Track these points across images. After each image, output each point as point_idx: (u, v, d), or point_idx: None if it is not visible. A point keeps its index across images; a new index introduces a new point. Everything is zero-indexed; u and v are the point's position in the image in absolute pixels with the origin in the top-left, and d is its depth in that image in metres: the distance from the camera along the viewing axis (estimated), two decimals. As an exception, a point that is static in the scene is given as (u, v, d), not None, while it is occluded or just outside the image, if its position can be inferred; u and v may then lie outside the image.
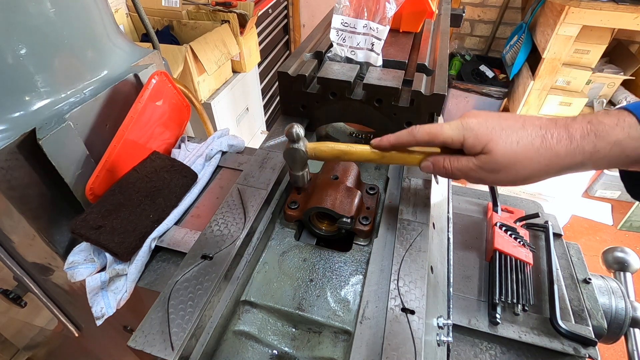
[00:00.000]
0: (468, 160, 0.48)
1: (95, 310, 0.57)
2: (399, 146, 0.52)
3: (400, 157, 0.53)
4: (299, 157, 0.55)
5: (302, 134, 0.54)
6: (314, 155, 0.55)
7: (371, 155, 0.53)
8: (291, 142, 0.54)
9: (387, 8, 0.65)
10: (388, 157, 0.53)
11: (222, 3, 1.93)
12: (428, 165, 0.52)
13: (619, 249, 0.78)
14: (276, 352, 0.50)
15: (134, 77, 0.72)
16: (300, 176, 0.59)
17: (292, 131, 0.53)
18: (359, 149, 0.54)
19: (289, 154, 0.56)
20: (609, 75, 2.33)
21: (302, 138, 0.54)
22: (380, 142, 0.53)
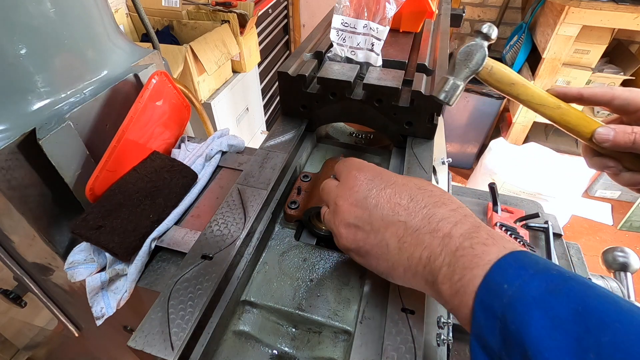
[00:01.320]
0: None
1: (95, 310, 0.57)
2: (588, 97, 0.46)
3: (576, 115, 0.45)
4: (477, 59, 0.46)
5: (495, 36, 0.46)
6: (489, 70, 0.47)
7: (547, 99, 0.46)
8: (482, 38, 0.46)
9: (387, 8, 0.65)
10: (564, 110, 0.46)
11: (222, 3, 1.93)
12: (607, 132, 0.44)
13: (619, 249, 0.78)
14: (276, 352, 0.50)
15: (134, 77, 0.72)
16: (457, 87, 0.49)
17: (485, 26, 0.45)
18: (537, 90, 0.46)
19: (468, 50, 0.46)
20: (609, 75, 2.34)
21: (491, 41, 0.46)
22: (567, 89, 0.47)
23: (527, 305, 0.27)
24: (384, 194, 0.39)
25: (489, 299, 0.29)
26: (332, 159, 0.67)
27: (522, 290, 0.28)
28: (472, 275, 0.31)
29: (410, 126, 0.68)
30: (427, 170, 0.63)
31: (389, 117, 0.67)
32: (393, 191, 0.39)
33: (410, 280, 0.38)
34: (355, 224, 0.41)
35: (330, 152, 0.79)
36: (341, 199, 0.43)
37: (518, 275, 0.29)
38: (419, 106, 0.64)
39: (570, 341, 0.24)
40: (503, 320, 0.27)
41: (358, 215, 0.41)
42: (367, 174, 0.43)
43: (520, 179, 2.22)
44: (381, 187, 0.40)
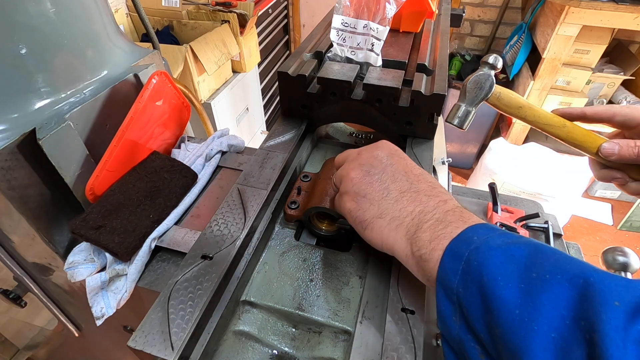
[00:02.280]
0: None
1: (95, 310, 0.57)
2: (590, 115, 0.50)
3: (581, 132, 0.49)
4: (486, 88, 0.50)
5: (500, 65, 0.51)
6: (497, 96, 0.51)
7: (553, 120, 0.49)
8: (489, 68, 0.50)
9: (387, 8, 0.65)
10: (569, 128, 0.49)
11: (222, 3, 1.93)
12: (612, 147, 0.47)
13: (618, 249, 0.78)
14: (276, 352, 0.50)
15: (134, 77, 0.72)
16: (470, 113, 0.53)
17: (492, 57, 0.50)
18: (543, 112, 0.50)
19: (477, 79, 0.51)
20: (609, 75, 2.34)
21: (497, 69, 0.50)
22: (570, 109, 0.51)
23: (490, 249, 0.33)
24: (400, 162, 0.45)
25: (458, 246, 0.35)
26: (332, 159, 0.67)
27: (488, 241, 0.33)
28: (453, 228, 0.36)
29: (410, 126, 0.68)
30: (427, 170, 0.63)
31: (389, 117, 0.67)
32: (406, 164, 0.45)
33: (391, 231, 0.41)
34: (369, 169, 0.45)
35: (330, 152, 0.79)
36: (365, 151, 0.48)
37: (487, 233, 0.34)
38: (419, 106, 0.64)
39: (520, 268, 0.30)
40: (467, 261, 0.33)
41: (374, 164, 0.45)
42: (388, 146, 0.48)
43: (520, 179, 2.22)
44: (400, 158, 0.46)
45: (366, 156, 0.46)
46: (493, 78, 0.50)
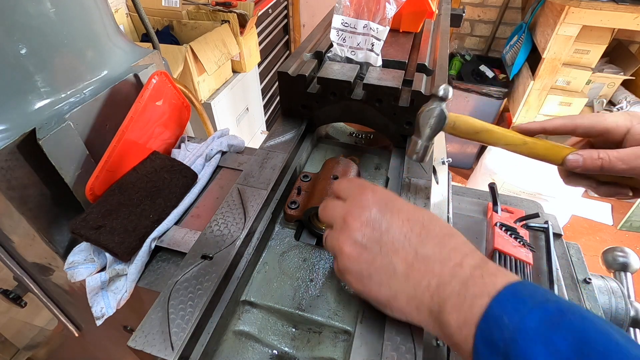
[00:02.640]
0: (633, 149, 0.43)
1: (95, 310, 0.57)
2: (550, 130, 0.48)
3: (543, 146, 0.48)
4: (439, 121, 0.49)
5: (451, 96, 0.48)
6: (452, 125, 0.49)
7: (513, 138, 0.48)
8: (439, 100, 0.48)
9: (387, 9, 0.65)
10: (530, 144, 0.48)
11: (222, 3, 1.93)
12: (576, 159, 0.46)
13: (618, 249, 0.78)
14: (276, 352, 0.50)
15: (134, 77, 0.72)
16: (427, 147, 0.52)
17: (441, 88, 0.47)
18: (501, 131, 0.49)
19: (429, 115, 0.49)
20: (609, 75, 2.34)
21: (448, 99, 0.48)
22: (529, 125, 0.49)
23: (529, 340, 0.28)
24: (397, 218, 0.38)
25: (490, 332, 0.30)
26: (332, 159, 0.67)
27: (523, 324, 0.28)
28: (478, 308, 0.31)
29: (410, 126, 0.68)
30: (427, 170, 0.63)
31: (389, 117, 0.67)
32: (406, 217, 0.38)
33: (412, 312, 0.37)
34: (364, 243, 0.39)
35: (330, 152, 0.79)
36: (351, 216, 0.40)
37: (516, 309, 0.29)
38: (419, 106, 0.64)
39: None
40: (506, 355, 0.28)
41: (368, 235, 0.38)
42: (378, 195, 0.41)
43: (520, 179, 2.22)
44: (394, 210, 0.39)
45: (356, 225, 0.39)
46: (444, 110, 0.48)
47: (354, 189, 0.43)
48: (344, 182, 0.46)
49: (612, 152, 0.44)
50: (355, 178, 0.47)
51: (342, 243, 0.40)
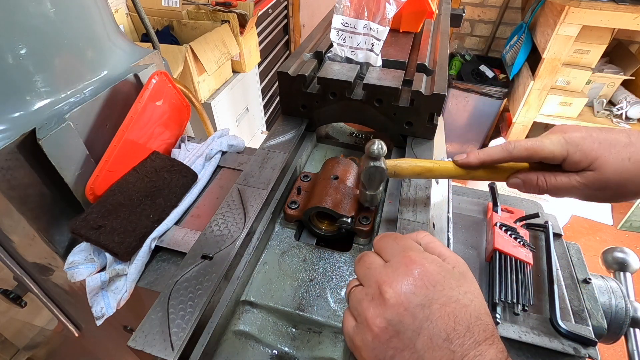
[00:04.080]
0: (569, 177, 0.45)
1: (95, 310, 0.57)
2: (489, 163, 0.50)
3: (486, 173, 0.51)
4: (379, 176, 0.51)
5: (384, 152, 0.50)
6: (393, 173, 0.52)
7: (455, 171, 0.51)
8: (372, 160, 0.50)
9: (387, 9, 0.65)
10: (472, 173, 0.51)
11: (222, 3, 1.93)
12: (517, 183, 0.49)
13: (618, 249, 0.78)
14: (276, 352, 0.50)
15: (134, 77, 0.72)
16: (375, 195, 0.55)
17: (374, 148, 0.49)
18: (442, 166, 0.52)
19: (368, 173, 0.51)
20: (609, 75, 2.33)
21: (383, 156, 0.50)
22: (468, 160, 0.50)
23: None
24: (444, 312, 0.32)
25: None
26: (332, 159, 0.67)
27: None
28: None
29: (410, 126, 0.68)
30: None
31: (389, 117, 0.67)
32: (453, 311, 0.32)
33: None
34: (397, 328, 0.32)
35: (330, 152, 0.79)
36: (389, 287, 0.34)
37: None
38: (419, 106, 0.64)
39: None
40: None
41: (404, 320, 0.32)
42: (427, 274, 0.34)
43: (520, 179, 2.22)
44: (441, 298, 0.33)
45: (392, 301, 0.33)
46: (380, 166, 0.50)
47: (398, 255, 0.36)
48: (389, 240, 0.39)
49: (549, 178, 0.47)
50: (402, 237, 0.39)
51: (372, 316, 0.34)
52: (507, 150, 0.48)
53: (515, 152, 0.47)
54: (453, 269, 0.35)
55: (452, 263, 0.36)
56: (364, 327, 0.34)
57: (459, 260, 0.37)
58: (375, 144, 0.49)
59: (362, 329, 0.34)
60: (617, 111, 2.34)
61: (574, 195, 0.47)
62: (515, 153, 0.47)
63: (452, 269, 0.35)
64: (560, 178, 0.46)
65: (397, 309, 0.33)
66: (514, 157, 0.48)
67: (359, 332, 0.35)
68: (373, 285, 0.35)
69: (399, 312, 0.33)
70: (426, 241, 0.39)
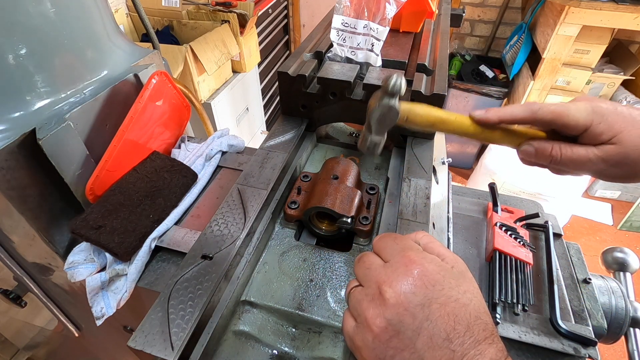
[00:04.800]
0: (587, 150, 0.42)
1: (95, 310, 0.57)
2: (509, 122, 0.46)
3: (500, 135, 0.47)
4: (390, 118, 0.45)
5: (404, 89, 0.44)
6: (405, 118, 0.46)
7: (470, 128, 0.47)
8: (388, 96, 0.44)
9: (387, 9, 0.65)
10: (487, 133, 0.47)
11: (222, 3, 1.93)
12: (530, 151, 0.46)
13: (618, 249, 0.78)
14: (276, 352, 0.50)
15: (134, 77, 0.72)
16: (378, 142, 0.49)
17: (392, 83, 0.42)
18: (458, 120, 0.47)
19: (380, 110, 0.45)
20: (609, 75, 2.33)
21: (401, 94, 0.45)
22: (487, 116, 0.46)
23: None
24: (443, 311, 0.32)
25: None
26: (332, 159, 0.67)
27: None
28: None
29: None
30: (427, 170, 0.63)
31: (389, 117, 0.67)
32: (453, 310, 0.32)
33: None
34: (397, 328, 0.33)
35: (330, 152, 0.79)
36: (389, 287, 0.34)
37: None
38: (419, 106, 0.64)
39: None
40: None
41: (404, 320, 0.32)
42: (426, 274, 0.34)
43: (520, 179, 2.22)
44: (440, 298, 0.33)
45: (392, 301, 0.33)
46: (396, 106, 0.45)
47: (397, 255, 0.36)
48: (388, 241, 0.39)
49: (565, 149, 0.44)
50: (401, 238, 0.39)
51: (372, 316, 0.34)
52: (532, 111, 0.44)
53: (540, 113, 0.44)
54: (452, 269, 0.35)
55: (451, 263, 0.36)
56: (364, 328, 0.34)
57: (457, 260, 0.37)
58: (395, 78, 0.43)
59: (362, 329, 0.35)
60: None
61: (586, 169, 0.43)
62: (540, 114, 0.44)
63: (451, 268, 0.35)
64: (576, 150, 0.43)
65: (397, 309, 0.33)
66: (537, 118, 0.44)
67: (359, 332, 0.35)
68: (373, 286, 0.35)
69: (399, 312, 0.33)
70: (425, 241, 0.39)
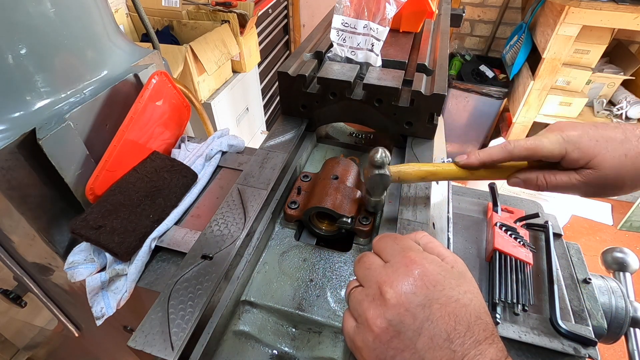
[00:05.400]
0: (568, 175, 0.46)
1: (95, 310, 0.57)
2: (489, 164, 0.50)
3: (487, 173, 0.52)
4: (383, 183, 0.53)
5: (388, 160, 0.51)
6: (397, 179, 0.53)
7: (458, 173, 0.52)
8: (376, 168, 0.51)
9: (387, 9, 0.65)
10: (475, 174, 0.52)
11: (222, 3, 1.93)
12: (518, 182, 0.50)
13: (617, 249, 0.78)
14: (276, 352, 0.50)
15: (134, 77, 0.72)
16: (379, 201, 0.56)
17: (378, 157, 0.50)
18: (446, 169, 0.53)
19: (373, 181, 0.52)
20: (609, 75, 2.33)
21: (387, 164, 0.51)
22: (469, 161, 0.51)
23: None
24: (444, 311, 0.32)
25: None
26: (332, 159, 0.67)
27: None
28: None
29: (410, 126, 0.68)
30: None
31: (389, 117, 0.67)
32: (453, 311, 0.32)
33: None
34: (398, 328, 0.33)
35: (330, 152, 0.79)
36: (390, 288, 0.34)
37: None
38: (419, 106, 0.64)
39: None
40: None
41: (405, 321, 0.33)
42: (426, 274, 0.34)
43: (520, 179, 2.22)
44: (441, 298, 0.33)
45: (392, 301, 0.33)
46: (385, 174, 0.51)
47: (398, 256, 0.37)
48: (388, 241, 0.39)
49: (549, 177, 0.48)
50: (401, 238, 0.40)
51: (372, 316, 0.34)
52: (507, 150, 0.49)
53: (515, 151, 0.48)
54: (452, 269, 0.35)
55: (451, 263, 0.36)
56: (364, 328, 0.34)
57: (457, 260, 0.37)
58: (379, 152, 0.50)
59: (362, 329, 0.35)
60: (617, 111, 2.33)
61: (574, 192, 0.48)
62: (515, 153, 0.48)
63: (451, 268, 0.35)
64: (559, 177, 0.47)
65: (398, 310, 0.33)
66: (514, 156, 0.48)
67: (360, 332, 0.35)
68: (373, 286, 0.35)
69: (400, 312, 0.33)
70: (425, 241, 0.39)
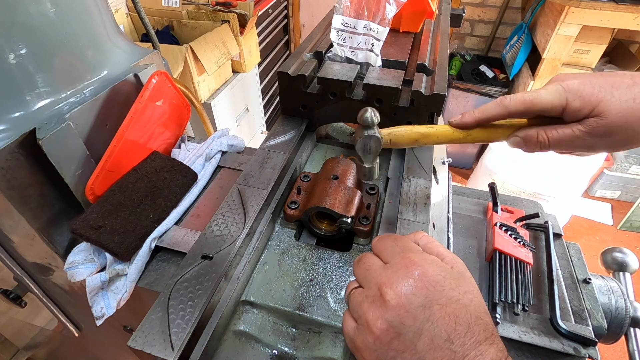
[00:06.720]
0: (571, 128, 0.42)
1: (95, 310, 0.57)
2: (485, 121, 0.47)
3: (485, 133, 0.48)
4: (374, 146, 0.49)
5: (377, 120, 0.48)
6: (389, 142, 0.50)
7: (453, 135, 0.49)
8: (366, 129, 0.48)
9: (387, 9, 0.65)
10: (472, 135, 0.48)
11: (222, 3, 1.93)
12: (518, 141, 0.46)
13: (617, 249, 0.78)
14: (276, 352, 0.50)
15: (134, 77, 0.72)
16: (372, 168, 0.52)
17: (367, 116, 0.47)
18: (440, 131, 0.49)
19: (363, 143, 0.49)
20: (609, 75, 2.33)
21: (376, 124, 0.48)
22: (464, 120, 0.47)
23: None
24: (444, 312, 0.32)
25: None
26: (332, 159, 0.67)
27: None
28: None
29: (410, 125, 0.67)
30: (427, 170, 0.63)
31: (389, 117, 0.67)
32: (453, 311, 0.32)
33: None
34: (398, 329, 0.32)
35: (330, 152, 0.79)
36: (390, 289, 0.34)
37: None
38: (419, 106, 0.64)
39: None
40: None
41: (405, 322, 0.32)
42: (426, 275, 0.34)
43: (520, 179, 2.22)
44: (442, 300, 0.33)
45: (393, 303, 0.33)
46: (376, 134, 0.48)
47: (398, 257, 0.36)
48: (388, 241, 0.39)
49: (550, 132, 0.44)
50: (401, 239, 0.39)
51: (373, 318, 0.34)
52: (502, 105, 0.45)
53: (511, 106, 0.45)
54: (452, 269, 0.35)
55: (451, 263, 0.36)
56: (364, 329, 0.34)
57: (457, 260, 0.37)
58: (368, 111, 0.48)
59: (362, 330, 0.34)
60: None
61: (578, 146, 0.44)
62: (512, 107, 0.45)
63: (451, 269, 0.35)
64: (562, 130, 0.43)
65: (398, 311, 0.33)
66: (511, 111, 0.45)
67: (360, 333, 0.35)
68: (373, 287, 0.35)
69: (400, 313, 0.33)
70: (424, 242, 0.39)
